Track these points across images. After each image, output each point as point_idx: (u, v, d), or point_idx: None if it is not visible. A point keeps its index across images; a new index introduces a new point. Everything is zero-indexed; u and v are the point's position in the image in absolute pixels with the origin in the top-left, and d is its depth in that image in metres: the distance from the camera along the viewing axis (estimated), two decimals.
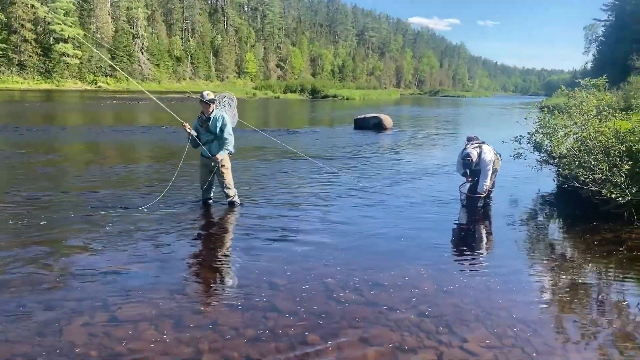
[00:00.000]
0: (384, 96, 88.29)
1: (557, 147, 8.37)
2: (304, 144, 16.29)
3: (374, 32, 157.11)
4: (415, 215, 7.52)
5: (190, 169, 8.96)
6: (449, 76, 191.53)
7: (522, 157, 9.14)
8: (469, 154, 7.57)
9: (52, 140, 15.89)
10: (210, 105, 7.07)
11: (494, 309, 4.31)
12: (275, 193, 8.65)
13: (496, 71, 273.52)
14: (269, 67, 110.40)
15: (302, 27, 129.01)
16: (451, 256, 5.86)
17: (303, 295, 4.43)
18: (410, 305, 4.31)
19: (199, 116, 7.24)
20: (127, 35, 79.63)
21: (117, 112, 30.70)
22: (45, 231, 6.06)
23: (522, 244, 6.45)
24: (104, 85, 71.73)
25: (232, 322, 3.91)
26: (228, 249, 5.92)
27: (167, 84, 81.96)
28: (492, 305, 4.39)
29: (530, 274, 5.24)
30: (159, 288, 4.50)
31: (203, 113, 7.16)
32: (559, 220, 7.93)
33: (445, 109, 52.74)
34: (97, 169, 10.66)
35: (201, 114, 7.20)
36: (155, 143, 15.83)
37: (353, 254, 5.63)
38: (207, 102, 7.04)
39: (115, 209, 7.11)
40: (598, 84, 8.61)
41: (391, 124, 22.74)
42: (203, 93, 7.16)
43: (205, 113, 7.13)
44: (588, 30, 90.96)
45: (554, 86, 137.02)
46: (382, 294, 4.52)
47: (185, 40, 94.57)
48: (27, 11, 65.81)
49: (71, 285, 4.53)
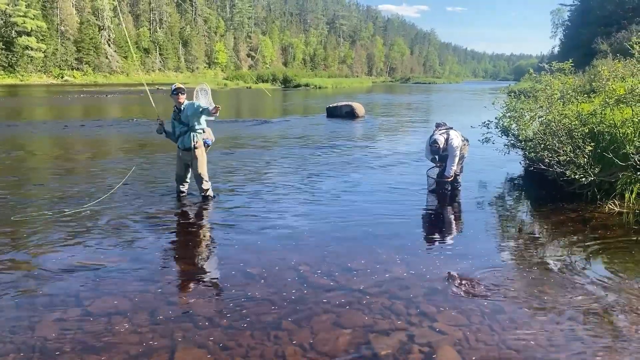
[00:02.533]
0: (356, 84, 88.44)
1: (524, 131, 8.57)
2: (276, 133, 16.28)
3: (345, 20, 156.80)
4: (386, 201, 7.63)
5: (159, 160, 8.90)
6: (420, 63, 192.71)
7: (491, 142, 9.32)
8: (436, 140, 7.70)
9: (18, 136, 15.52)
10: (179, 96, 7.02)
11: (463, 289, 4.44)
12: (246, 182, 8.66)
13: (466, 57, 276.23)
14: (239, 57, 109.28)
15: (272, 16, 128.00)
16: (422, 240, 5.99)
17: (277, 283, 4.49)
18: (382, 289, 4.41)
19: (173, 109, 7.20)
20: (92, 27, 77.81)
21: (85, 106, 30.08)
22: (12, 227, 5.97)
23: (491, 225, 6.62)
24: (70, 79, 70.08)
25: (206, 312, 3.94)
26: (202, 240, 5.92)
27: (135, 76, 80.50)
28: (460, 287, 4.52)
29: (499, 254, 5.40)
30: (132, 281, 4.50)
31: (176, 105, 7.12)
32: (526, 202, 8.14)
33: (417, 95, 53.17)
34: (66, 164, 10.49)
35: (174, 108, 7.15)
36: (125, 136, 15.61)
37: (325, 240, 5.70)
38: (175, 93, 7.00)
39: (85, 203, 7.02)
40: (564, 68, 8.81)
41: (363, 112, 22.85)
42: (172, 85, 7.12)
43: (177, 104, 7.09)
44: (554, 15, 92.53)
45: (523, 71, 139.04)
46: (355, 279, 4.60)
47: (153, 31, 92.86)
48: None
49: (42, 281, 4.48)
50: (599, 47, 45.96)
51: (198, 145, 7.14)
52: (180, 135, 7.16)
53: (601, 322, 3.90)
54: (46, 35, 69.11)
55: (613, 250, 5.56)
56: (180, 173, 7.43)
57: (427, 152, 8.15)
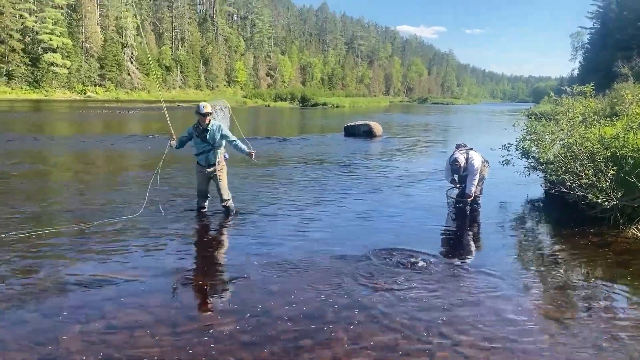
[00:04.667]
0: (373, 104, 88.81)
1: (545, 154, 8.52)
2: (294, 152, 16.38)
3: (363, 40, 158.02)
4: (404, 221, 7.62)
5: (176, 175, 9.00)
6: (438, 83, 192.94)
7: (511, 164, 9.30)
8: (457, 159, 7.68)
9: (41, 149, 15.84)
10: (206, 117, 7.17)
11: (483, 312, 4.40)
12: (266, 200, 8.71)
13: (484, 78, 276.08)
14: (258, 75, 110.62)
15: (291, 36, 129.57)
16: (440, 261, 5.96)
17: (297, 300, 4.49)
18: (402, 309, 4.39)
19: (195, 125, 7.31)
20: (116, 45, 79.52)
21: (107, 122, 30.63)
22: (37, 241, 6.07)
23: (511, 248, 6.56)
24: (93, 94, 71.49)
25: (226, 328, 3.96)
26: (222, 257, 5.97)
27: (156, 93, 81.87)
28: (482, 308, 4.48)
29: (519, 278, 5.34)
30: (154, 295, 4.55)
31: (199, 124, 7.24)
32: (546, 225, 8.06)
33: (434, 116, 53.15)
34: (88, 178, 10.67)
35: (198, 124, 7.26)
36: (145, 151, 15.83)
37: (344, 259, 5.69)
38: (204, 115, 7.13)
39: (107, 217, 7.12)
40: (585, 91, 8.78)
41: (381, 131, 22.92)
42: (200, 105, 7.20)
43: (202, 124, 7.21)
44: (574, 38, 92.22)
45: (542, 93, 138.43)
46: (374, 299, 4.59)
47: (175, 49, 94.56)
48: (16, 21, 65.57)
49: (66, 294, 4.55)
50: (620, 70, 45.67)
51: (221, 160, 7.41)
52: (204, 153, 7.31)
53: (627, 350, 3.84)
54: (71, 52, 70.79)
55: (638, 276, 5.47)
56: (202, 188, 7.53)
57: (447, 173, 8.14)
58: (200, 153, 7.34)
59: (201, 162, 7.39)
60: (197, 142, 7.32)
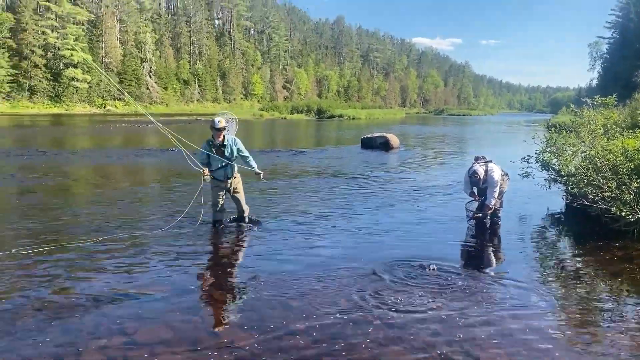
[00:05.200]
0: (389, 115, 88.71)
1: (566, 166, 8.42)
2: (311, 164, 16.40)
3: (379, 52, 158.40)
4: (422, 234, 7.56)
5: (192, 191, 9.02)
6: (454, 95, 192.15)
7: (531, 176, 9.21)
8: (476, 172, 7.60)
9: (62, 163, 16.07)
10: (221, 132, 7.22)
11: (506, 329, 4.33)
12: (285, 214, 8.70)
13: (501, 89, 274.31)
14: (275, 88, 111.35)
15: (307, 49, 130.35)
16: (460, 276, 5.88)
17: (316, 317, 4.47)
18: (423, 325, 4.33)
19: (209, 140, 7.34)
20: (135, 59, 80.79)
21: (126, 135, 31.01)
22: (59, 254, 6.14)
23: (533, 262, 6.45)
24: (112, 108, 72.52)
25: (247, 343, 3.94)
26: (242, 272, 5.96)
27: (175, 106, 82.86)
28: (504, 325, 4.41)
29: (542, 294, 5.25)
30: (175, 310, 4.56)
31: (214, 138, 7.27)
32: (568, 239, 7.93)
33: (451, 127, 52.90)
34: (108, 192, 10.78)
35: (212, 139, 7.30)
36: (164, 165, 15.98)
37: (362, 274, 5.65)
38: (219, 129, 7.18)
39: (128, 231, 7.18)
40: (607, 102, 8.67)
41: (398, 143, 22.86)
42: (215, 120, 7.22)
43: (217, 139, 7.24)
44: (592, 48, 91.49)
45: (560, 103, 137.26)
46: (395, 316, 4.54)
47: (193, 63, 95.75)
48: (38, 38, 67.03)
49: (87, 308, 4.58)
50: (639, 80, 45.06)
51: (237, 173, 7.57)
52: (221, 168, 7.37)
53: None
54: (91, 67, 72.02)
55: None
56: (219, 201, 7.56)
57: (466, 186, 8.06)
58: (218, 168, 7.38)
59: (219, 177, 7.43)
60: (214, 158, 7.34)
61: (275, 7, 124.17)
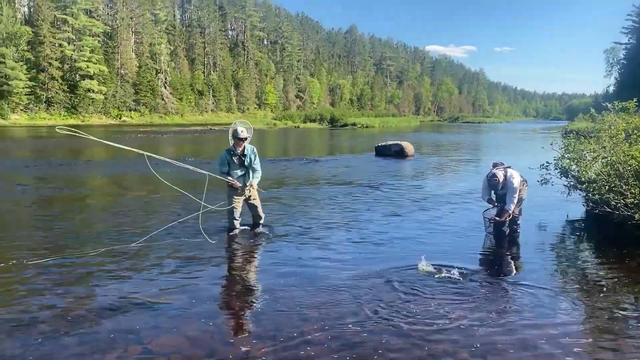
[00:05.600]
0: (403, 123, 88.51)
1: (586, 172, 8.25)
2: (326, 172, 16.34)
3: (392, 61, 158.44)
4: (440, 242, 7.44)
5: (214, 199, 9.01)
6: (469, 102, 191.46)
7: (550, 183, 9.05)
8: (495, 174, 7.43)
9: (78, 173, 16.21)
10: (243, 142, 7.28)
11: (526, 339, 4.20)
12: (299, 222, 8.63)
13: (516, 96, 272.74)
14: (288, 97, 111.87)
15: (320, 59, 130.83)
16: (480, 285, 5.75)
17: (333, 326, 4.38)
18: (443, 336, 4.23)
19: (230, 149, 7.38)
20: (150, 71, 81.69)
21: (142, 145, 31.21)
22: (74, 264, 6.13)
23: (553, 270, 6.30)
24: (128, 119, 73.31)
25: (264, 354, 3.87)
26: (258, 280, 5.90)
27: (189, 116, 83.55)
28: (524, 335, 4.28)
29: (564, 303, 5.11)
30: (191, 319, 4.50)
31: (235, 147, 7.32)
32: (590, 246, 7.75)
33: (467, 135, 52.56)
34: (123, 200, 10.82)
35: (233, 148, 7.35)
36: (180, 174, 15.99)
37: (380, 282, 5.56)
38: (242, 139, 7.24)
39: (143, 239, 7.16)
40: (628, 107, 8.51)
41: (412, 150, 22.72)
42: (238, 130, 7.30)
43: (238, 148, 7.30)
44: (609, 54, 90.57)
45: (576, 110, 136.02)
46: (415, 325, 4.44)
47: (207, 74, 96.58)
48: (55, 50, 68.14)
49: (103, 318, 4.54)
50: None
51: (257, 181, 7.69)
52: (240, 177, 7.52)
53: None
54: (107, 79, 72.98)
55: None
56: (234, 208, 7.57)
57: (484, 192, 7.91)
58: (237, 177, 7.49)
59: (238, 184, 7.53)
60: (233, 167, 7.40)
61: (288, 17, 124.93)
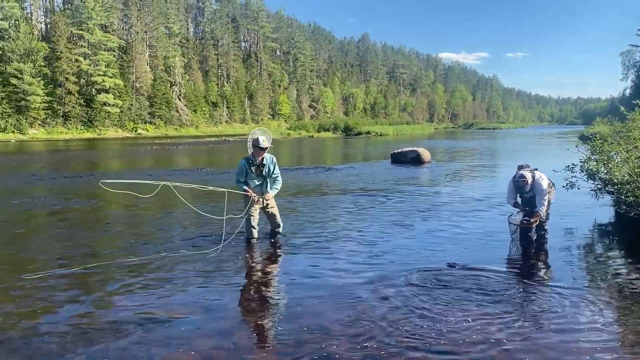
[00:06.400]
0: (417, 131, 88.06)
1: (618, 172, 7.87)
2: (342, 180, 16.07)
3: (405, 69, 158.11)
4: (464, 248, 7.12)
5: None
6: (483, 109, 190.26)
7: (576, 187, 8.71)
8: (523, 175, 7.12)
9: (94, 186, 16.12)
10: (264, 152, 7.09)
11: (555, 351, 3.89)
12: (317, 230, 8.36)
13: (531, 102, 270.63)
14: (302, 107, 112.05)
15: (333, 68, 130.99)
16: (508, 293, 5.43)
17: (358, 339, 4.10)
18: (478, 348, 3.93)
19: (249, 158, 7.21)
20: (165, 83, 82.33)
21: (157, 157, 31.31)
22: (84, 275, 5.93)
23: (586, 279, 5.93)
24: (143, 132, 73.83)
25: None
26: (275, 292, 5.63)
27: (204, 128, 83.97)
28: (553, 347, 3.97)
29: (594, 313, 4.75)
30: (205, 335, 4.25)
31: (254, 156, 7.15)
32: (621, 250, 7.31)
33: (482, 141, 51.97)
34: (138, 214, 10.66)
35: (252, 157, 7.17)
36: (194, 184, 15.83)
37: (408, 294, 5.27)
38: (262, 149, 7.06)
39: (153, 252, 6.95)
40: None
41: (429, 157, 22.38)
42: (259, 139, 7.12)
43: (257, 158, 7.13)
44: (624, 57, 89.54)
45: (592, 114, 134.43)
46: (441, 337, 4.15)
47: (221, 85, 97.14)
48: (72, 65, 69.00)
49: (113, 333, 4.31)
50: None
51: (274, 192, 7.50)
52: (258, 186, 7.34)
53: None
54: (122, 92, 73.67)
55: None
56: (253, 217, 7.37)
57: (510, 195, 7.54)
58: (255, 186, 7.33)
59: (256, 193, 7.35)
60: (251, 177, 7.24)
61: (300, 27, 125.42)
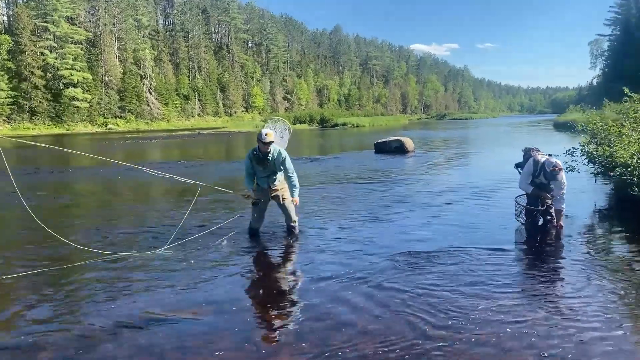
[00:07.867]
0: (392, 122, 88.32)
1: (624, 153, 7.70)
2: (328, 170, 15.71)
3: (378, 60, 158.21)
4: (472, 231, 6.83)
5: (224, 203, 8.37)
6: (455, 99, 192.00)
7: (576, 170, 8.55)
8: (556, 164, 6.64)
9: (65, 181, 15.43)
10: (269, 146, 6.62)
11: (559, 339, 3.64)
12: (323, 225, 7.94)
13: (501, 92, 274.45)
14: (275, 99, 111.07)
15: (306, 60, 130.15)
16: (514, 280, 5.15)
17: (380, 339, 3.74)
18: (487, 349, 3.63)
19: (254, 150, 6.74)
20: (135, 77, 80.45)
21: (130, 151, 30.41)
22: (84, 273, 5.43)
23: (592, 265, 5.71)
24: (114, 127, 72.07)
25: None
26: (288, 287, 5.24)
27: (176, 122, 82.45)
28: (556, 335, 3.72)
29: (600, 299, 4.51)
30: (221, 337, 3.84)
31: (259, 150, 6.68)
32: (626, 235, 7.12)
33: (458, 131, 52.27)
34: (120, 208, 10.11)
35: (257, 151, 6.71)
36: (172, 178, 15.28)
37: (429, 290, 4.94)
38: (266, 144, 6.57)
39: (145, 247, 6.47)
40: None
41: (413, 146, 22.21)
42: (262, 133, 6.61)
43: (263, 151, 6.66)
44: (593, 46, 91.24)
45: (560, 103, 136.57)
46: (457, 330, 3.84)
47: (192, 78, 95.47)
48: (37, 58, 66.74)
49: (118, 337, 3.87)
50: None
51: (282, 179, 6.99)
52: (265, 177, 6.87)
53: None
54: (91, 86, 71.68)
55: None
56: (260, 209, 6.99)
57: (525, 180, 7.11)
58: (262, 177, 6.88)
59: (262, 185, 6.93)
60: (258, 170, 6.83)
61: (272, 18, 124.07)
